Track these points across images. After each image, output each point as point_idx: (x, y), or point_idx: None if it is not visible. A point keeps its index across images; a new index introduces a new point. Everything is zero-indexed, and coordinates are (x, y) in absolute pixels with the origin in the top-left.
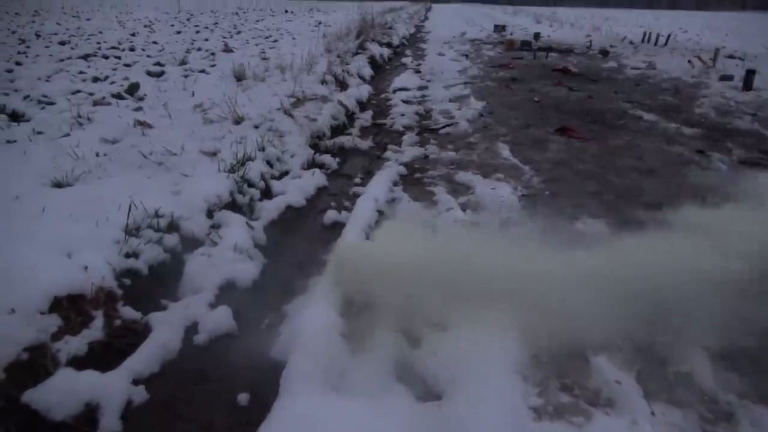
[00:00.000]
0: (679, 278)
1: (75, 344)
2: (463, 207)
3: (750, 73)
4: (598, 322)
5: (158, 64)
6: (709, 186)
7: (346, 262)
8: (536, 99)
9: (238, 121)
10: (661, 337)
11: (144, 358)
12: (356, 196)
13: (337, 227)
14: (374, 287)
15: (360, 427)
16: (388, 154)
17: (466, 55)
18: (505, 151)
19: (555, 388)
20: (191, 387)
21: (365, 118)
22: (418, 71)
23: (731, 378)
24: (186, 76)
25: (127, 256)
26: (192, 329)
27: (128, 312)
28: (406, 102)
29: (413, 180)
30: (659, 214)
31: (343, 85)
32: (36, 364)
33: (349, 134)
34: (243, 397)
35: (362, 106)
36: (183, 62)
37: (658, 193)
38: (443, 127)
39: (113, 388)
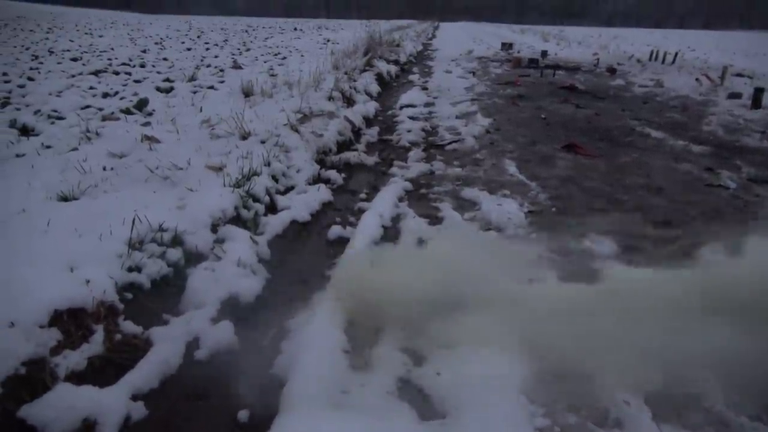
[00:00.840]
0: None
1: (74, 359)
2: (470, 222)
3: (759, 91)
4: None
5: (168, 80)
6: (718, 204)
7: (349, 279)
8: (543, 116)
9: (244, 136)
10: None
11: (144, 374)
12: (361, 211)
13: (342, 243)
14: (377, 304)
15: None
16: (394, 170)
17: (473, 73)
18: (511, 167)
19: (561, 409)
20: (191, 403)
21: (372, 134)
22: (425, 88)
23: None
24: (195, 92)
25: (130, 270)
26: (193, 344)
27: (129, 326)
28: (412, 118)
29: (419, 195)
30: (668, 232)
31: (350, 102)
32: (34, 378)
33: (356, 150)
34: (243, 414)
35: (369, 122)
36: (192, 78)
37: (667, 212)
38: (450, 143)
39: (112, 404)
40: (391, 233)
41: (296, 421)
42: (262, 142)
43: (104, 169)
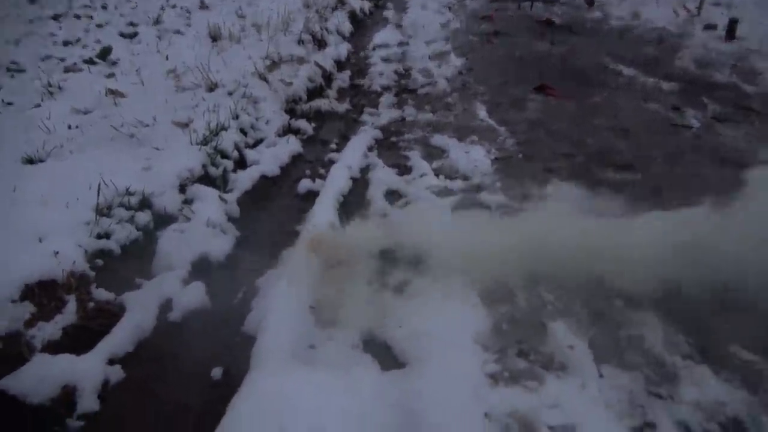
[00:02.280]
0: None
1: (49, 330)
2: (437, 172)
3: (733, 22)
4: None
5: (131, 24)
6: (679, 145)
7: (317, 236)
8: (517, 54)
9: (211, 87)
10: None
11: (119, 339)
12: (332, 162)
13: (311, 197)
14: (344, 260)
15: (328, 398)
16: (365, 117)
17: (449, 7)
18: (482, 111)
19: (512, 355)
20: (166, 364)
21: (343, 78)
22: (399, 26)
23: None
24: (160, 38)
25: (99, 237)
26: (166, 307)
27: (102, 294)
28: (385, 60)
29: (389, 144)
30: (629, 176)
31: (321, 44)
32: (11, 352)
33: (326, 97)
34: (216, 372)
35: (341, 65)
36: (157, 21)
37: (630, 155)
38: (422, 86)
39: (89, 369)
40: (360, 185)
41: (266, 376)
42: (230, 93)
43: (69, 127)
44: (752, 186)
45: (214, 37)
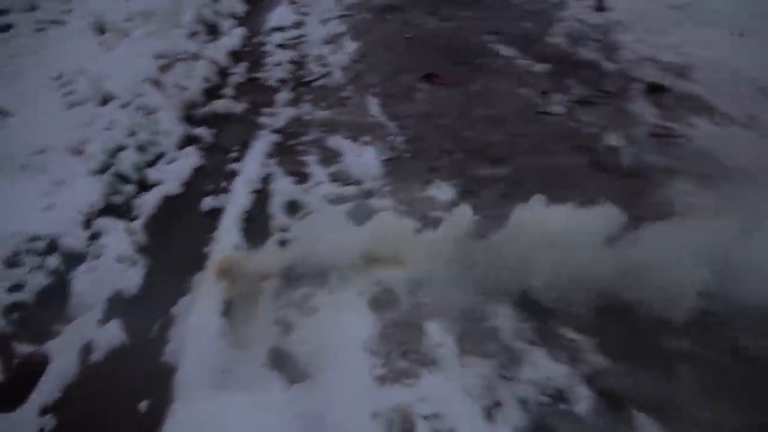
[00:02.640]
0: None
1: None
2: (333, 178)
3: None
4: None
5: (2, 11)
6: (543, 135)
7: (224, 258)
8: (408, 35)
9: (105, 99)
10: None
11: (48, 388)
12: (233, 174)
13: (216, 214)
14: (251, 281)
15: (242, 418)
16: (263, 119)
17: None
18: (374, 106)
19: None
20: (96, 404)
21: (240, 72)
22: (293, 2)
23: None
24: (38, 30)
25: (11, 290)
26: (88, 349)
27: (24, 348)
28: (281, 46)
29: (287, 149)
30: (499, 170)
31: (214, 31)
32: None
33: (224, 96)
34: (143, 405)
35: (236, 56)
36: (33, 8)
37: (502, 147)
38: (318, 78)
39: (23, 423)
40: (261, 198)
41: (187, 406)
42: (124, 106)
43: None
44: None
45: (101, 29)
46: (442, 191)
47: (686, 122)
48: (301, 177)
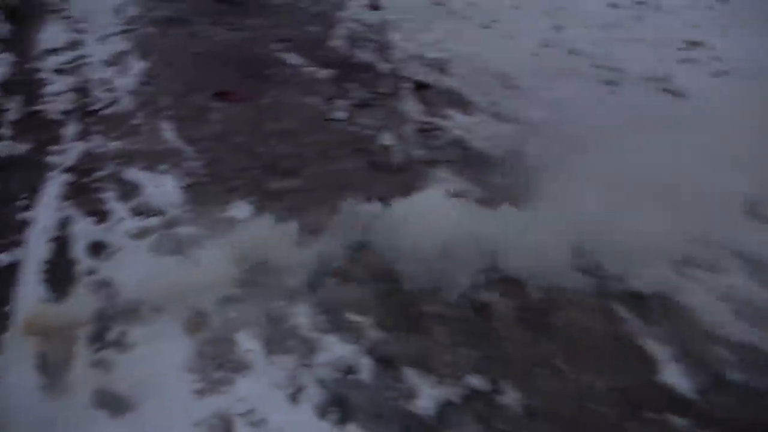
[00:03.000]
0: None
1: None
2: (134, 212)
3: None
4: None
5: None
6: (328, 142)
7: (29, 312)
8: (197, 50)
9: None
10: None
11: None
12: (25, 224)
13: (13, 270)
14: (62, 329)
15: None
16: (50, 158)
17: None
18: (168, 131)
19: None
20: None
21: (15, 107)
22: (67, 16)
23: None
24: None
25: None
26: None
27: None
28: (59, 72)
29: (82, 188)
30: (291, 183)
31: None
32: None
33: (2, 138)
34: None
35: (6, 88)
36: None
37: (292, 159)
38: (106, 106)
39: None
40: (61, 245)
41: None
42: None
43: None
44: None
45: None
46: (241, 210)
47: (444, 115)
48: (101, 216)
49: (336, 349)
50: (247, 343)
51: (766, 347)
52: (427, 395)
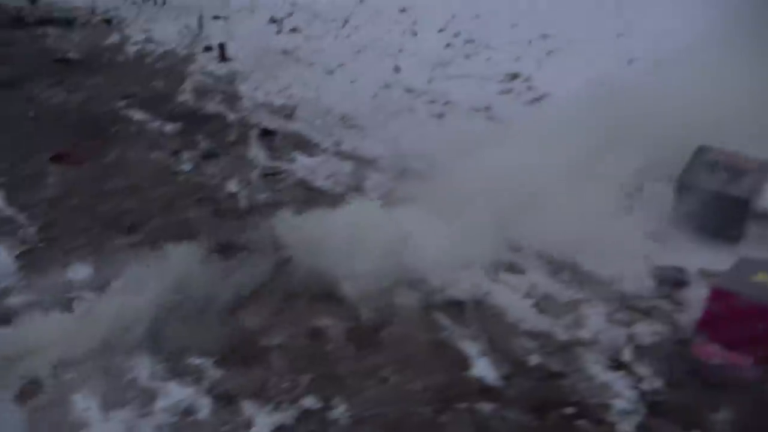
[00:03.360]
0: None
1: None
2: None
3: (221, 46)
4: None
5: None
6: (175, 194)
7: None
8: (33, 114)
9: None
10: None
11: None
12: None
13: None
14: None
15: None
16: None
17: None
18: (1, 199)
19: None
20: None
21: None
22: None
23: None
24: None
25: None
26: None
27: None
28: None
29: None
30: (133, 238)
31: None
32: None
33: None
34: None
35: None
36: None
37: (136, 214)
38: None
39: None
40: None
41: None
42: None
43: None
44: None
45: None
46: (80, 271)
47: (289, 159)
48: None
49: (175, 394)
50: (83, 402)
51: (560, 334)
52: (261, 423)
